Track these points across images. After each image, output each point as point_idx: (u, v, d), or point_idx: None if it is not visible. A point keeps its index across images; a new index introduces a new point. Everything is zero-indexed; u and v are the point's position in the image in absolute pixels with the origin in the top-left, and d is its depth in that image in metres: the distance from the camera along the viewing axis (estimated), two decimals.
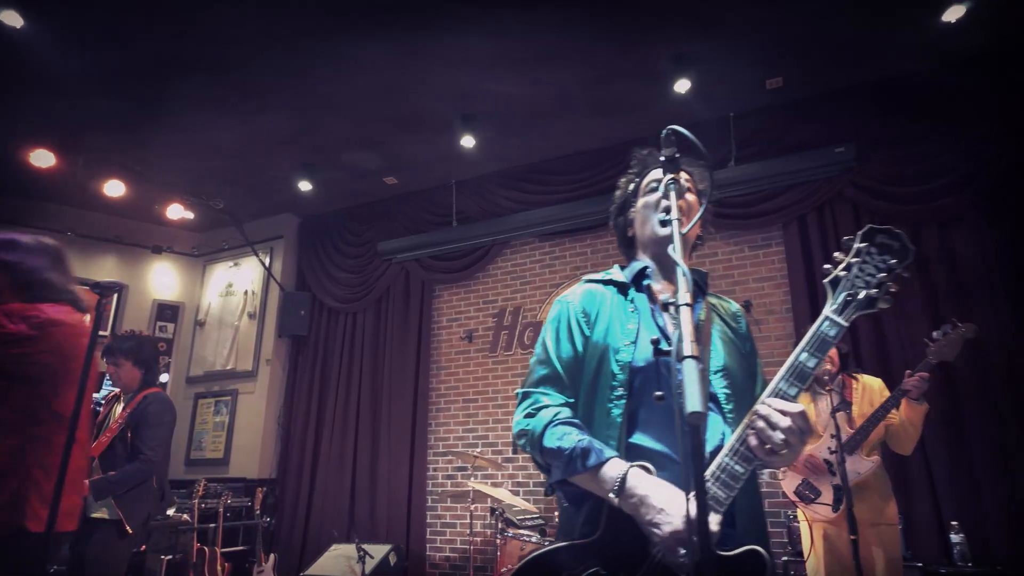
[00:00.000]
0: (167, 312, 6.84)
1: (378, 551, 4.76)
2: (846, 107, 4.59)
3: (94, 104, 4.72)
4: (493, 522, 4.38)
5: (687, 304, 0.99)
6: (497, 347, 5.65)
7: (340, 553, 4.87)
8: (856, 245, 1.26)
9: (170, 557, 4.74)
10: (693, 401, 0.85)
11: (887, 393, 2.88)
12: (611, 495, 1.21)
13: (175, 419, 3.26)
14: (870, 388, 2.94)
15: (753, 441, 1.16)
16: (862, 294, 1.22)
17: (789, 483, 2.96)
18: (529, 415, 1.40)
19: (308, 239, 6.76)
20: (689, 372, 0.89)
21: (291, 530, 5.89)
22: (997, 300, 3.99)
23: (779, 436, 1.13)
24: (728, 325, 1.49)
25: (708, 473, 1.18)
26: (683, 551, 1.11)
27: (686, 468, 0.90)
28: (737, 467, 1.17)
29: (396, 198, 6.31)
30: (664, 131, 1.25)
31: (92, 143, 5.22)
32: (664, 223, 1.34)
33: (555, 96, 4.74)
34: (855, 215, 4.50)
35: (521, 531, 4.06)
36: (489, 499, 4.59)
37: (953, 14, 3.78)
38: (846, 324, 1.21)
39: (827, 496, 2.79)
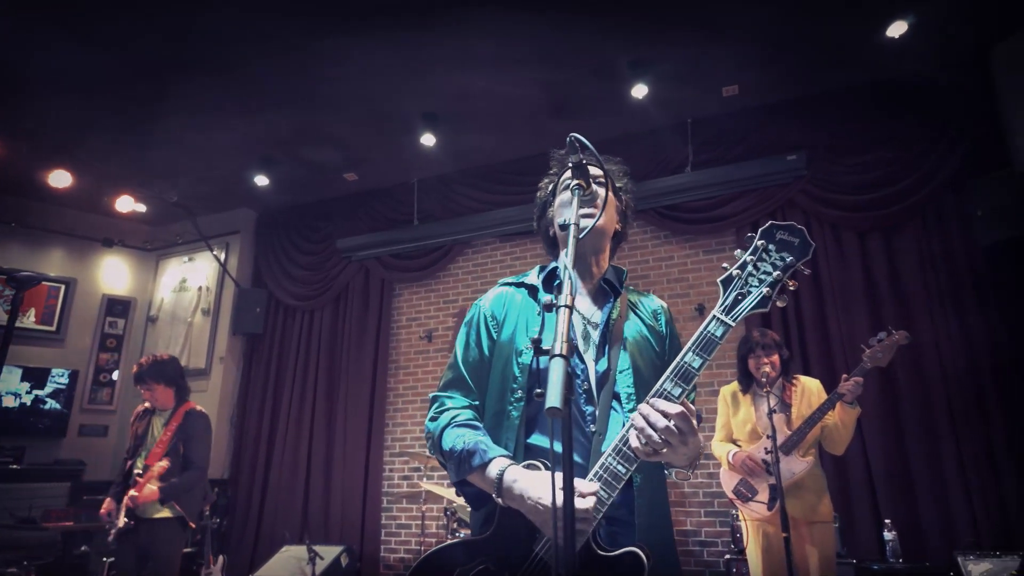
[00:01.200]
0: (117, 307, 6.64)
1: (330, 552, 4.71)
2: (798, 116, 4.72)
3: (37, 92, 4.56)
4: (446, 522, 4.38)
5: (567, 306, 1.00)
6: None
7: (291, 554, 4.80)
8: (755, 243, 1.25)
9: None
10: (553, 398, 0.87)
11: (825, 395, 2.97)
12: (494, 494, 1.23)
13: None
14: (809, 391, 3.03)
15: (634, 441, 1.16)
16: (754, 292, 1.21)
17: (728, 482, 3.03)
18: (433, 418, 1.43)
19: (265, 235, 6.64)
20: (554, 370, 0.91)
21: (243, 531, 5.78)
22: (934, 307, 4.15)
23: (657, 436, 1.13)
24: (645, 323, 1.49)
25: (591, 472, 1.20)
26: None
27: (555, 466, 0.92)
28: (619, 467, 1.18)
29: (356, 195, 6.25)
30: (568, 138, 1.25)
31: (35, 129, 5.04)
32: (563, 227, 1.32)
33: (516, 97, 4.75)
34: (806, 221, 4.62)
35: (468, 533, 4.06)
36: (444, 499, 4.58)
37: (896, 30, 3.92)
38: (732, 324, 1.20)
39: (763, 495, 2.86)
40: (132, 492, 3.34)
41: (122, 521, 3.30)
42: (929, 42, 4.06)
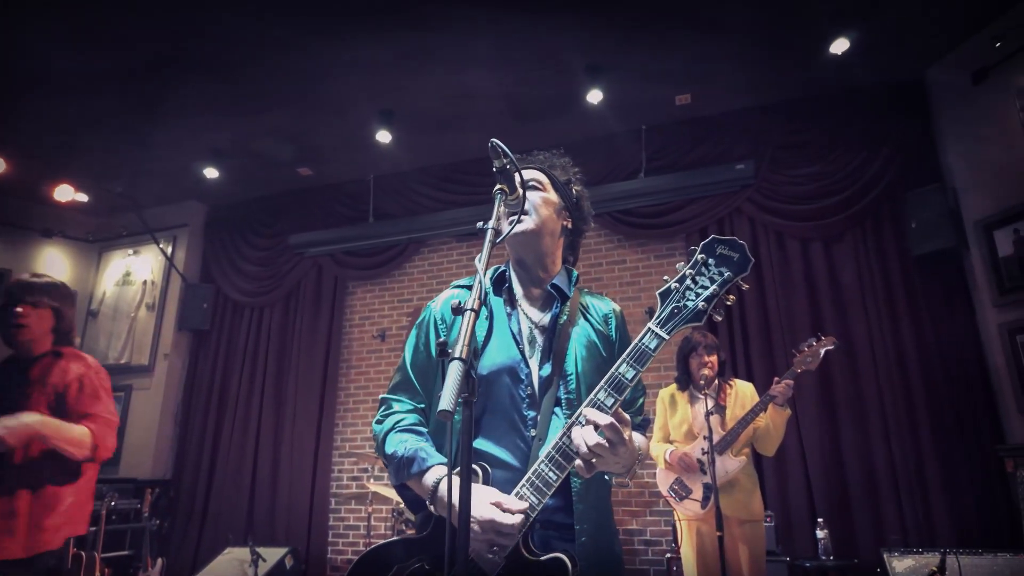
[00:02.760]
0: None
1: (274, 554, 4.61)
2: (748, 126, 4.86)
3: None
4: (394, 523, 4.34)
5: (471, 310, 1.01)
6: None
7: (234, 556, 4.69)
8: (696, 256, 1.26)
9: None
10: (446, 400, 0.88)
11: (757, 398, 3.07)
12: (427, 502, 1.25)
13: None
14: (743, 393, 3.12)
15: (566, 452, 1.19)
16: (690, 306, 1.22)
17: (663, 481, 3.10)
18: (379, 421, 1.43)
19: (215, 229, 6.46)
20: (452, 373, 0.92)
21: (185, 533, 5.61)
22: (870, 312, 4.33)
23: (585, 448, 1.15)
24: (594, 327, 1.48)
25: (524, 479, 1.21)
26: (490, 554, 1.14)
27: (465, 469, 0.92)
28: (550, 474, 1.19)
29: (311, 190, 6.14)
30: (490, 143, 1.25)
31: None
32: (481, 231, 1.32)
33: (475, 97, 4.75)
34: (752, 229, 4.76)
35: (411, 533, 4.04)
36: (392, 500, 4.54)
37: (839, 47, 4.07)
38: (667, 337, 1.21)
39: (697, 493, 2.94)
40: None
41: None
42: (870, 60, 4.24)
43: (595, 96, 4.50)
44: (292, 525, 5.31)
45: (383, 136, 5.00)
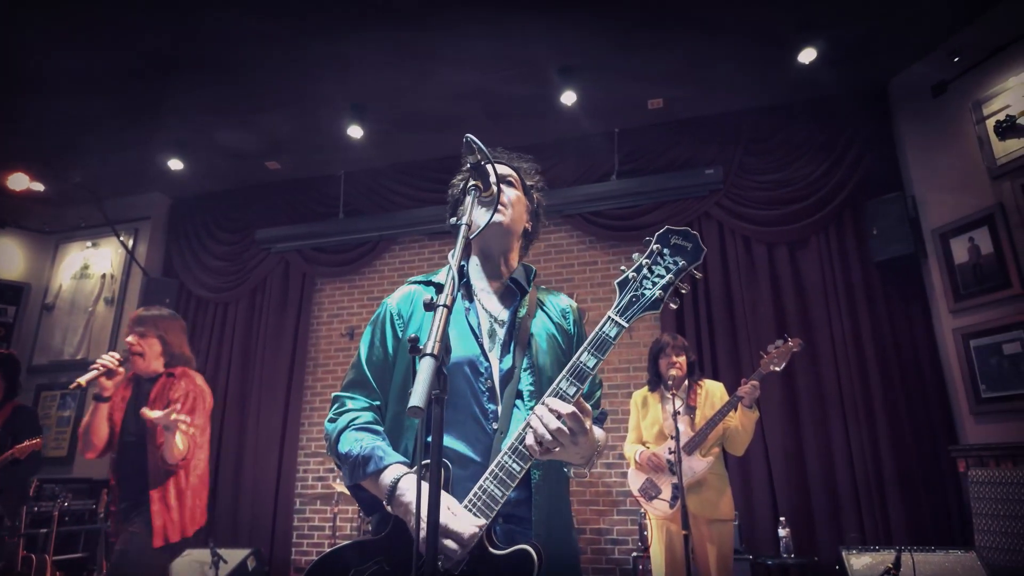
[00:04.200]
0: (8, 293, 6.11)
1: (236, 555, 4.50)
2: (717, 132, 4.93)
3: None
4: (359, 524, 4.29)
5: (444, 306, 1.00)
6: None
7: (193, 559, 4.55)
8: (651, 247, 1.29)
9: None
10: (417, 397, 0.87)
11: (728, 398, 3.12)
12: (385, 502, 1.22)
13: None
14: (712, 394, 3.17)
15: (529, 440, 1.18)
16: (647, 294, 1.25)
17: (634, 481, 3.13)
18: (332, 419, 1.39)
19: (179, 222, 6.29)
20: (423, 369, 0.91)
21: None
22: (832, 317, 4.44)
23: (549, 435, 1.15)
24: (553, 321, 1.50)
25: (487, 471, 1.21)
26: (448, 551, 1.13)
27: (435, 466, 0.91)
28: (514, 465, 1.19)
29: (278, 184, 6.02)
30: (464, 138, 1.25)
31: None
32: (455, 226, 1.31)
33: (448, 95, 4.72)
34: (720, 233, 4.83)
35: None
36: None
37: (807, 56, 4.16)
38: (626, 324, 1.23)
39: (666, 493, 2.97)
40: None
41: None
42: (836, 69, 4.34)
43: (569, 98, 4.51)
44: (255, 526, 5.20)
45: (354, 131, 4.93)
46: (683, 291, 1.27)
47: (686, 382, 3.12)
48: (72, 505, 4.86)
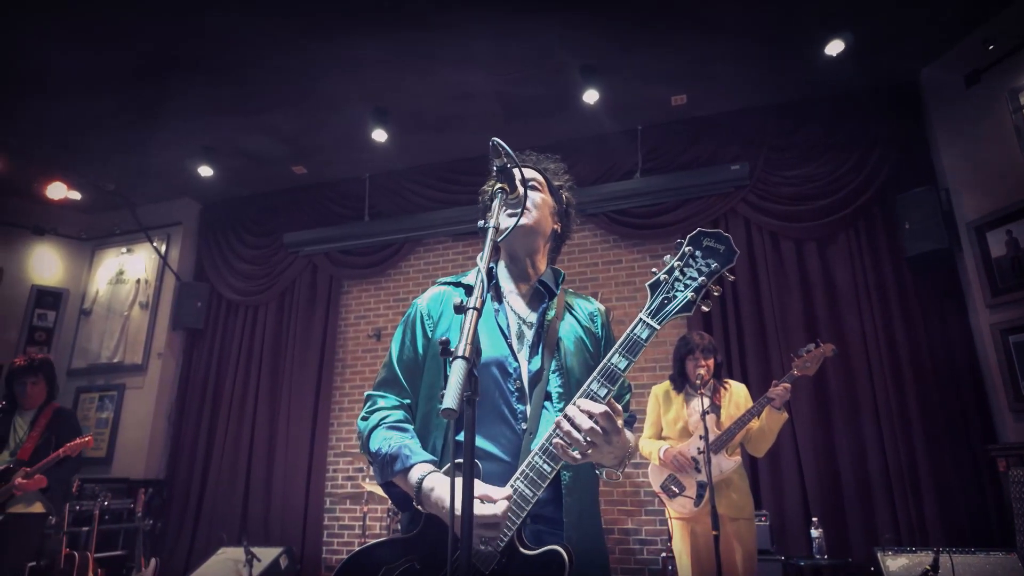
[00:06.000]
0: (48, 299, 6.32)
1: (269, 554, 4.60)
2: (743, 127, 4.87)
3: None
4: (389, 523, 4.34)
5: (474, 308, 1.01)
6: None
7: (228, 556, 4.67)
8: (682, 248, 1.29)
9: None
10: (450, 399, 0.88)
11: (751, 400, 3.10)
12: (413, 500, 1.24)
13: None
14: (736, 394, 3.14)
15: (559, 440, 1.19)
16: (679, 296, 1.25)
17: (656, 477, 3.10)
18: (364, 417, 1.42)
19: (209, 227, 6.43)
20: (455, 371, 0.92)
21: (178, 533, 5.58)
22: (863, 314, 4.35)
23: (581, 436, 1.16)
24: (581, 324, 1.51)
25: (518, 471, 1.22)
26: (482, 546, 1.13)
27: (467, 465, 0.92)
28: (544, 466, 1.19)
29: (305, 188, 6.12)
30: (491, 142, 1.26)
31: None
32: (482, 229, 1.31)
33: (470, 97, 4.75)
34: (747, 230, 4.77)
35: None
36: (387, 500, 4.53)
37: (834, 48, 4.09)
38: (658, 327, 1.23)
39: (691, 491, 2.95)
40: (18, 480, 3.35)
41: None
42: (864, 61, 4.26)
43: (591, 96, 4.50)
44: (287, 525, 5.29)
45: (379, 135, 4.99)
46: (715, 293, 1.26)
47: (712, 382, 3.09)
48: (112, 504, 5.01)
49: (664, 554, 3.86)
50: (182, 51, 4.19)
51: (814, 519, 3.81)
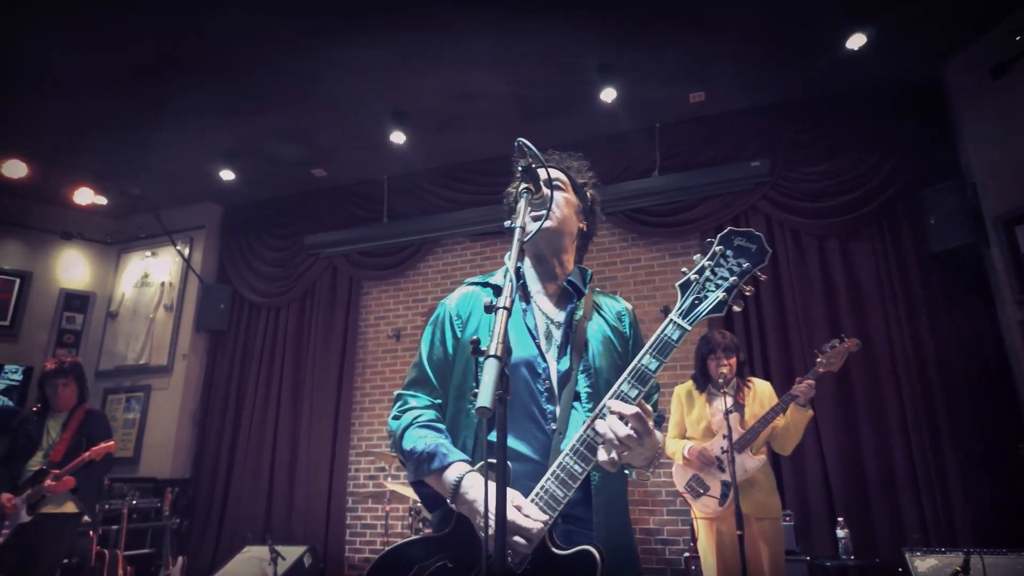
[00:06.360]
0: (76, 302, 6.45)
1: (292, 553, 4.65)
2: (763, 123, 4.82)
3: None
4: (411, 522, 4.37)
5: (504, 308, 1.02)
6: None
7: (252, 555, 4.73)
8: (713, 248, 1.28)
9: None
10: (484, 397, 0.89)
11: (776, 398, 3.06)
12: (448, 499, 1.25)
13: None
14: (761, 392, 3.11)
15: (602, 455, 1.19)
16: (710, 296, 1.24)
17: (680, 477, 3.09)
18: (396, 416, 1.43)
19: (231, 230, 6.52)
20: (488, 370, 0.93)
21: (204, 532, 5.67)
22: (888, 310, 4.29)
23: (614, 439, 1.16)
24: (609, 324, 1.51)
25: (549, 471, 1.22)
26: (516, 546, 1.14)
27: (500, 463, 0.93)
28: (576, 466, 1.20)
29: (324, 191, 6.18)
30: (516, 142, 1.27)
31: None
32: (509, 230, 1.32)
33: (487, 97, 4.76)
34: (768, 227, 4.73)
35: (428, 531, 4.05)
36: (409, 499, 4.56)
37: (856, 42, 4.03)
38: (689, 328, 1.23)
39: (715, 491, 2.93)
40: (49, 482, 3.44)
41: (23, 516, 3.42)
42: (887, 54, 4.19)
43: (608, 95, 4.49)
44: (309, 524, 5.35)
45: (397, 137, 5.03)
46: (747, 293, 1.25)
47: (735, 380, 3.07)
48: (140, 503, 5.11)
49: (686, 554, 3.84)
50: (204, 57, 4.25)
51: (839, 519, 3.76)
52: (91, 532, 4.53)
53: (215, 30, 4.00)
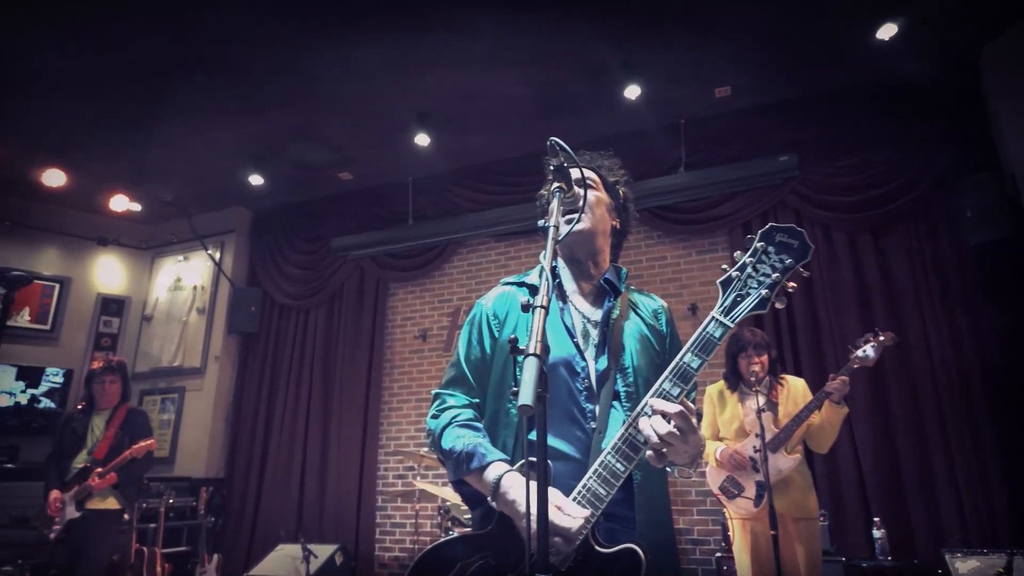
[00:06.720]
0: (112, 306, 6.63)
1: (324, 551, 4.73)
2: (790, 117, 4.74)
3: (32, 91, 4.55)
4: (440, 521, 4.39)
5: (541, 307, 1.02)
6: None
7: (285, 553, 4.82)
8: (754, 244, 1.27)
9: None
10: (525, 395, 0.89)
11: (810, 395, 3.01)
12: (489, 498, 1.25)
13: None
14: (795, 390, 3.06)
15: (650, 452, 1.18)
16: (753, 294, 1.23)
17: (714, 479, 3.05)
18: (434, 416, 1.44)
19: (260, 233, 6.64)
20: (528, 368, 0.93)
21: (238, 530, 5.79)
22: (923, 306, 4.19)
23: (656, 438, 1.16)
24: (646, 322, 1.50)
25: (590, 470, 1.22)
26: (557, 546, 1.15)
27: (541, 462, 0.94)
28: (618, 465, 1.20)
29: (351, 194, 6.26)
30: (548, 141, 1.27)
31: (29, 129, 5.04)
32: (543, 229, 1.32)
33: (510, 97, 4.77)
34: (797, 222, 4.62)
35: (468, 530, 4.07)
36: (439, 498, 4.59)
37: (886, 32, 3.94)
38: (731, 325, 1.22)
39: (750, 492, 2.89)
40: (93, 479, 3.57)
41: (72, 512, 3.54)
42: (918, 44, 4.09)
43: (633, 92, 4.46)
44: (340, 523, 5.42)
45: (422, 139, 5.06)
46: (790, 290, 1.24)
47: (767, 378, 3.02)
48: (176, 502, 5.23)
49: (718, 554, 3.80)
50: (234, 63, 4.32)
51: (876, 519, 3.68)
52: (132, 529, 4.65)
53: (240, 34, 4.06)
